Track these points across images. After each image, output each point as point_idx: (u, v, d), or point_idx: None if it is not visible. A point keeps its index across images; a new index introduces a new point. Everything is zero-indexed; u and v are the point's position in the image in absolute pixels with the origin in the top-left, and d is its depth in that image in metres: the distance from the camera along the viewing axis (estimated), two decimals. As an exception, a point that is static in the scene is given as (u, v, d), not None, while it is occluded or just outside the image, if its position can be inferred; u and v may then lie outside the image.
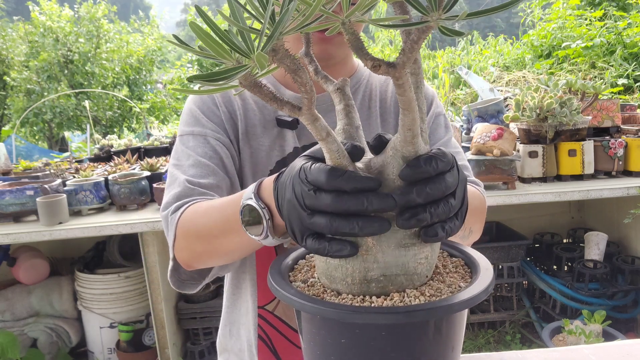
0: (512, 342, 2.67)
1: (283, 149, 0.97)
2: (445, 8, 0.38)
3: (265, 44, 0.39)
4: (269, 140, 0.96)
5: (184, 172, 0.88)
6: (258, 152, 0.96)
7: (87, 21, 10.58)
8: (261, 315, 1.00)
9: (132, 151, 3.33)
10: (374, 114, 1.02)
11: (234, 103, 0.97)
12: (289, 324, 1.00)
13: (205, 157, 0.89)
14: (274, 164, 0.96)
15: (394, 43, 7.51)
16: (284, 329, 1.00)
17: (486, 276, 0.59)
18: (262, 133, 0.97)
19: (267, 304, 1.00)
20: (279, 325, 1.00)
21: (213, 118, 0.95)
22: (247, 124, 0.97)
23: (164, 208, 0.87)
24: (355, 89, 1.02)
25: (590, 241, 2.57)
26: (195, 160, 0.89)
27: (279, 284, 0.60)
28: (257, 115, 0.97)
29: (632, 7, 5.88)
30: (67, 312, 2.68)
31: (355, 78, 1.04)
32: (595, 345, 0.95)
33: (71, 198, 2.35)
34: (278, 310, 1.00)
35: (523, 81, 4.61)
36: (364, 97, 1.03)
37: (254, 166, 0.96)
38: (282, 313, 1.00)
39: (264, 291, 1.00)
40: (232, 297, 1.06)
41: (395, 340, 0.54)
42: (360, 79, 1.04)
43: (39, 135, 10.75)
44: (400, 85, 0.47)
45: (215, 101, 0.97)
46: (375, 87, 1.05)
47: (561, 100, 2.31)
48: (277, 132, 0.97)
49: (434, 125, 1.03)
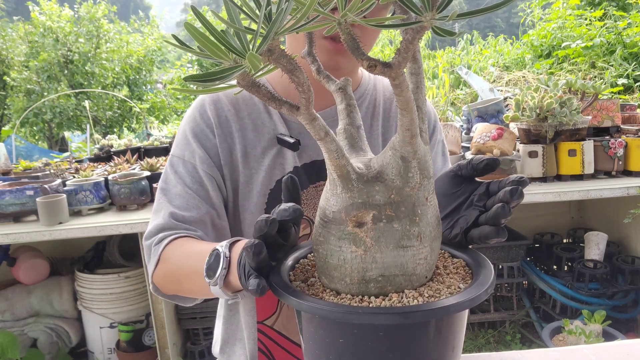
0: (512, 342, 2.67)
1: (283, 168, 0.95)
2: (439, 8, 0.38)
3: (260, 44, 0.39)
4: (269, 160, 0.95)
5: (170, 202, 0.91)
6: (258, 172, 0.95)
7: (87, 21, 10.58)
8: (261, 330, 1.00)
9: (132, 151, 3.33)
10: (375, 132, 1.01)
11: (230, 124, 0.95)
12: (290, 338, 1.00)
13: (192, 188, 0.91)
14: (274, 183, 0.95)
15: (394, 43, 7.51)
16: (284, 343, 1.00)
17: (486, 277, 0.59)
18: (261, 153, 0.95)
19: (267, 319, 1.00)
20: (279, 340, 1.00)
21: (206, 143, 0.93)
22: (246, 145, 0.95)
23: (147, 237, 0.91)
24: (358, 103, 1.00)
25: (590, 241, 2.57)
26: (182, 190, 0.91)
27: (279, 283, 0.60)
28: (256, 134, 0.95)
29: (632, 7, 5.88)
30: (67, 312, 2.68)
31: (358, 92, 1.02)
32: (595, 345, 0.95)
33: (71, 198, 2.34)
34: (277, 325, 1.00)
35: (523, 81, 4.61)
36: (366, 113, 1.01)
37: (254, 186, 0.95)
38: (282, 327, 1.00)
39: (263, 306, 0.99)
40: (229, 314, 1.06)
41: (393, 340, 0.53)
42: (363, 93, 1.02)
43: (39, 135, 10.75)
44: (397, 86, 0.47)
45: (210, 124, 0.95)
46: (379, 103, 1.03)
47: (561, 100, 2.30)
48: (276, 151, 0.95)
49: (434, 153, 1.04)
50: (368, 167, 0.59)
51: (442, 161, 1.06)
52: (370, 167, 0.59)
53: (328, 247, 0.59)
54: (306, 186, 0.95)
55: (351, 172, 0.57)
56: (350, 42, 0.46)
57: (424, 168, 0.58)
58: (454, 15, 0.38)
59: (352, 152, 0.64)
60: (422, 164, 0.58)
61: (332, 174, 0.58)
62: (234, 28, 0.41)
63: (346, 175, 0.57)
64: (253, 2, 0.44)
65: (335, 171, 0.57)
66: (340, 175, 0.57)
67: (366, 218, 0.57)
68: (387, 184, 0.57)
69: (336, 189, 0.59)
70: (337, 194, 0.58)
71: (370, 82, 1.05)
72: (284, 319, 0.99)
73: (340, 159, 0.56)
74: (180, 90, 0.47)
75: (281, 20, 0.39)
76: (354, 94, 1.01)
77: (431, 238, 0.59)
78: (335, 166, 0.56)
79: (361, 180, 0.57)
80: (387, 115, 1.03)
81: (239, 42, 0.41)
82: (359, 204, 0.57)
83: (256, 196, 0.94)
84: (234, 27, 0.41)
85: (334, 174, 0.58)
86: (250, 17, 0.44)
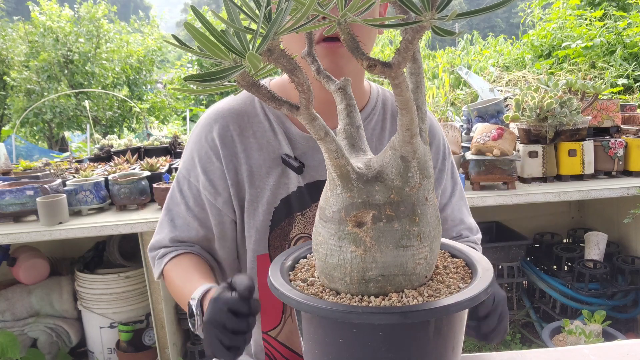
0: (512, 342, 2.67)
1: (287, 187, 0.97)
2: (439, 8, 0.38)
3: (260, 44, 0.39)
4: (274, 179, 0.96)
5: (171, 220, 1.01)
6: (263, 191, 0.96)
7: (87, 21, 10.57)
8: (265, 340, 1.02)
9: (132, 151, 3.32)
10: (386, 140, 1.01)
11: (235, 145, 0.97)
12: (293, 349, 1.01)
13: (194, 210, 0.99)
14: (278, 201, 0.97)
15: (394, 43, 7.51)
16: (287, 354, 1.01)
17: (486, 277, 0.59)
18: (266, 173, 0.97)
19: (271, 330, 1.02)
20: (283, 351, 1.02)
21: (209, 168, 0.97)
22: (252, 165, 0.96)
23: (150, 249, 1.04)
24: (367, 121, 1.00)
25: (590, 241, 2.57)
26: (185, 212, 1.00)
27: (279, 283, 0.60)
28: (261, 154, 0.97)
29: (632, 7, 5.88)
30: (67, 312, 2.68)
31: (366, 111, 1.01)
32: (595, 345, 0.95)
33: (71, 198, 2.34)
34: (281, 337, 1.01)
35: (523, 81, 4.61)
36: (372, 135, 1.01)
37: (259, 205, 0.97)
38: (286, 339, 1.01)
39: (268, 318, 1.01)
40: None
41: (393, 340, 0.53)
42: (371, 112, 1.02)
43: (39, 135, 10.74)
44: (397, 85, 0.47)
45: (214, 146, 0.96)
46: (387, 117, 1.03)
47: (561, 100, 2.30)
48: (281, 171, 0.97)
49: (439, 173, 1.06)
50: (368, 167, 0.59)
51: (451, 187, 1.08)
52: (370, 167, 0.59)
53: (328, 247, 0.59)
54: (309, 205, 0.97)
55: (351, 172, 0.57)
56: (350, 42, 0.46)
57: (423, 168, 0.58)
58: (453, 15, 0.38)
59: (352, 152, 0.64)
60: (422, 164, 0.58)
61: (332, 174, 0.58)
62: (234, 28, 0.41)
63: (346, 175, 0.57)
64: (253, 2, 0.44)
65: (335, 171, 0.57)
66: (340, 175, 0.57)
67: (366, 218, 0.57)
68: (387, 184, 0.57)
69: (336, 188, 0.59)
70: (337, 194, 0.58)
71: (379, 98, 1.04)
72: (287, 330, 1.01)
73: (340, 158, 0.56)
74: (180, 90, 0.47)
75: (281, 20, 0.39)
76: (363, 112, 1.00)
77: (431, 238, 0.59)
78: (335, 166, 0.56)
79: (361, 180, 0.57)
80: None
81: (238, 42, 0.41)
82: (358, 204, 0.57)
83: (262, 214, 0.97)
84: (234, 27, 0.41)
85: (333, 174, 0.58)
86: (250, 17, 0.44)
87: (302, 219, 0.97)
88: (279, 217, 0.97)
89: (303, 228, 0.97)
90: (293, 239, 0.98)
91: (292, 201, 0.96)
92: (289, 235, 0.97)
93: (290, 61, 0.46)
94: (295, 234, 0.97)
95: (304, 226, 0.97)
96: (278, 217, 0.97)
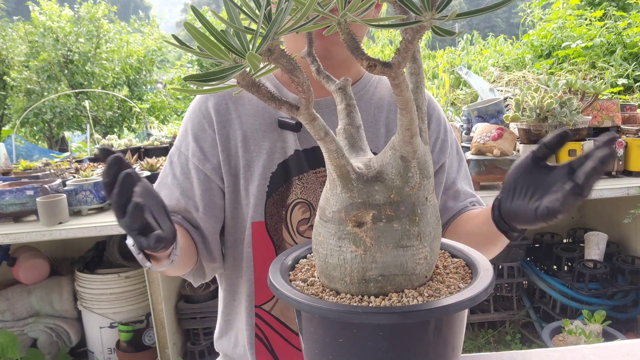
0: (512, 342, 2.67)
1: (285, 151, 0.96)
2: (439, 8, 0.38)
3: (260, 44, 0.39)
4: (270, 143, 0.96)
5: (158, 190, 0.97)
6: (259, 155, 0.96)
7: (87, 21, 10.57)
8: (258, 315, 1.00)
9: (132, 151, 3.33)
10: (380, 122, 1.01)
11: (230, 111, 0.97)
12: (287, 324, 1.00)
13: (179, 179, 0.99)
14: (275, 166, 0.96)
15: (394, 43, 7.51)
16: (281, 329, 1.00)
17: (485, 277, 0.59)
18: (262, 137, 0.96)
19: (264, 304, 1.00)
20: (276, 325, 1.00)
21: (200, 136, 0.97)
22: (246, 130, 0.97)
23: None
24: (360, 95, 1.01)
25: (590, 241, 2.57)
26: (170, 181, 1.00)
27: (279, 282, 0.60)
28: (257, 119, 0.97)
29: (632, 7, 5.88)
30: (67, 312, 2.68)
31: (360, 84, 1.02)
32: (595, 345, 0.95)
33: (71, 198, 2.34)
34: (275, 310, 1.00)
35: (523, 81, 4.61)
36: (369, 104, 1.01)
37: (255, 169, 0.96)
38: (280, 313, 1.00)
39: (261, 291, 1.00)
40: (228, 298, 1.06)
41: (393, 340, 0.53)
42: (366, 85, 1.03)
43: (39, 135, 10.74)
44: (397, 85, 0.47)
45: (208, 114, 0.97)
46: (383, 96, 1.03)
47: (561, 100, 2.30)
48: (278, 135, 0.97)
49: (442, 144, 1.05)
50: (368, 167, 0.59)
51: (457, 159, 1.08)
52: (370, 167, 0.59)
53: (328, 247, 0.59)
54: (306, 171, 0.97)
55: (351, 171, 0.57)
56: (350, 42, 0.46)
57: (423, 168, 0.58)
58: (453, 14, 0.38)
59: (352, 152, 0.64)
60: (422, 164, 0.58)
61: (332, 174, 0.58)
62: (234, 28, 0.41)
63: (346, 175, 0.57)
64: (253, 2, 0.44)
65: (335, 171, 0.57)
66: (340, 175, 0.57)
67: (366, 218, 0.57)
68: (387, 184, 0.57)
69: (336, 188, 0.59)
70: (337, 194, 0.59)
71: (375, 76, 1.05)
72: (281, 304, 0.99)
73: (340, 158, 0.56)
74: (180, 90, 0.47)
75: (281, 20, 0.39)
76: (356, 86, 1.01)
77: (431, 238, 0.59)
78: (335, 166, 0.56)
79: (361, 180, 0.57)
80: (394, 107, 1.03)
81: (238, 42, 0.41)
82: (358, 204, 0.57)
83: (258, 179, 0.96)
84: (234, 27, 0.41)
85: (333, 174, 0.58)
86: (250, 17, 0.44)
87: (299, 183, 0.96)
88: (276, 181, 0.96)
89: (300, 193, 0.97)
90: (290, 204, 0.97)
91: (290, 165, 0.96)
92: (286, 201, 0.97)
93: (290, 61, 0.46)
94: (293, 199, 0.97)
95: (300, 191, 0.97)
96: (275, 181, 0.96)
